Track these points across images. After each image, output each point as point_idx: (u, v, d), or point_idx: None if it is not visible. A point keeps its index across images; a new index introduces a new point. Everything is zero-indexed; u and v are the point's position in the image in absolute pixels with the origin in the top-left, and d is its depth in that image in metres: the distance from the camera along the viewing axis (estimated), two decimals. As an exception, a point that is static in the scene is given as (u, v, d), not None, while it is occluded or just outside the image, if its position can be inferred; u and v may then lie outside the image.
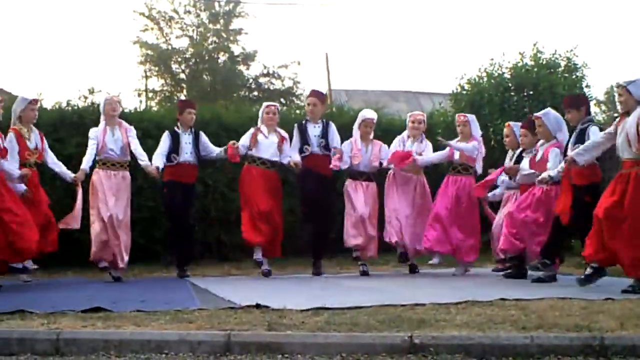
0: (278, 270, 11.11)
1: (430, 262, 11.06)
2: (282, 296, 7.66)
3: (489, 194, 10.93)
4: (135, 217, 10.98)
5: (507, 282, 9.66)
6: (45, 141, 10.40)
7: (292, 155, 10.86)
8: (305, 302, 7.08)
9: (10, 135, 9.85)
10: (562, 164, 9.06)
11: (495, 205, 11.13)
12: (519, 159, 10.31)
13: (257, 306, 6.90)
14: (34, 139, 10.17)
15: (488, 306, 6.97)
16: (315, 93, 11.49)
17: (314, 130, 11.01)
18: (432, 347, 5.40)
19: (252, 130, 11.01)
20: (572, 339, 5.47)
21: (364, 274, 10.87)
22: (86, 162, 10.41)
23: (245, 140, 10.95)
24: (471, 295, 7.53)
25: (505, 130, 10.90)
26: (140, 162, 10.64)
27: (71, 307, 6.90)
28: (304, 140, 10.95)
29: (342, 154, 10.88)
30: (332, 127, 11.09)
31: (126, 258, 10.41)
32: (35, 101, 10.30)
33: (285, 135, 11.08)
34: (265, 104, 11.35)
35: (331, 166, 10.75)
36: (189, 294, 8.45)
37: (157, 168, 10.58)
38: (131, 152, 10.63)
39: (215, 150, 11.04)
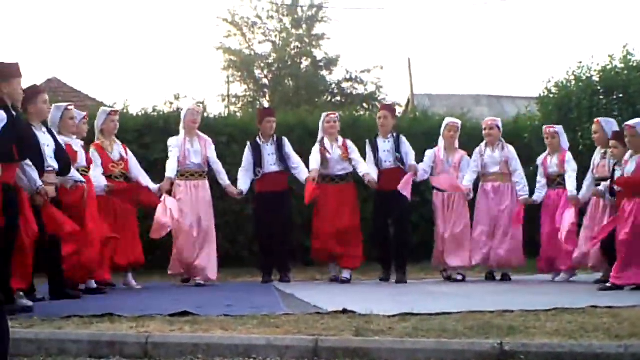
0: (361, 275, 11.10)
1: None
2: (367, 301, 7.59)
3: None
4: (219, 222, 11.02)
5: (594, 289, 9.45)
6: (128, 151, 10.38)
7: (370, 171, 10.59)
8: (392, 308, 7.04)
9: (92, 150, 9.90)
10: None
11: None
12: (612, 175, 9.82)
13: (344, 311, 6.87)
14: (117, 149, 10.18)
15: (579, 314, 6.83)
16: (385, 106, 11.67)
17: (384, 145, 10.82)
18: (522, 355, 5.33)
19: (317, 148, 10.82)
20: (668, 349, 5.33)
21: (449, 279, 10.87)
22: (171, 170, 10.24)
23: (314, 161, 10.72)
24: (560, 303, 7.38)
25: (594, 127, 10.49)
26: (221, 182, 10.68)
27: (158, 310, 6.97)
28: (375, 156, 10.79)
29: (416, 169, 10.72)
30: (404, 140, 10.89)
31: (215, 269, 10.44)
32: (114, 112, 10.36)
33: (347, 142, 10.89)
34: (324, 114, 11.17)
35: (400, 188, 10.38)
36: (275, 299, 8.47)
37: (242, 192, 10.74)
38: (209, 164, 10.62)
39: (298, 174, 10.79)
